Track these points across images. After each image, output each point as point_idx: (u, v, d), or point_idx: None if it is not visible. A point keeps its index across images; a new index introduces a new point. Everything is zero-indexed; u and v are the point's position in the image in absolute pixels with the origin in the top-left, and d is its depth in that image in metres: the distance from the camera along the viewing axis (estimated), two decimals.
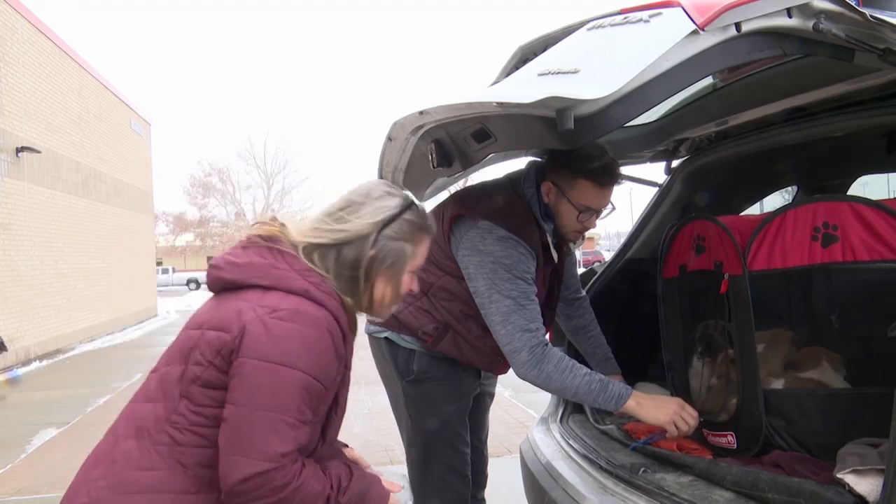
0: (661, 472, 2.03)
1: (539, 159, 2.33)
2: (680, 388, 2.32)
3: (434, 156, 1.97)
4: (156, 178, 24.33)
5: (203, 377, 1.38)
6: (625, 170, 2.99)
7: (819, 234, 1.88)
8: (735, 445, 2.05)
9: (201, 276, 44.73)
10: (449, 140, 1.92)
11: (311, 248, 1.50)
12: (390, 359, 2.41)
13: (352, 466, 1.54)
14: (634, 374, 2.65)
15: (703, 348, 2.23)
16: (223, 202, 52.13)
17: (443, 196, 2.76)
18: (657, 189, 2.89)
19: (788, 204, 1.99)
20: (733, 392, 2.09)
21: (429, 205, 2.76)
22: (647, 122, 2.62)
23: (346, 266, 1.50)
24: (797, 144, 2.35)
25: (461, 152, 1.91)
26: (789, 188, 3.47)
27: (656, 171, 2.92)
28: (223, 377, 1.37)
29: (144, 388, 1.47)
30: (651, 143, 2.68)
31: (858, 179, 3.34)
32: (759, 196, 3.18)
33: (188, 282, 43.34)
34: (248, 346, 1.34)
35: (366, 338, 2.86)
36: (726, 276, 2.03)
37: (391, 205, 1.56)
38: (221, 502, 1.36)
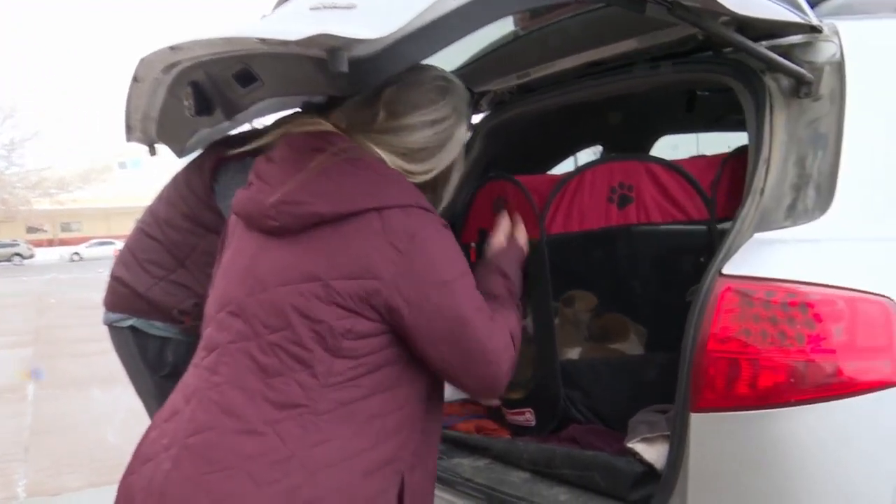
0: (458, 457, 2.17)
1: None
2: None
3: (192, 101, 1.90)
4: None
5: (356, 329, 1.43)
6: None
7: (615, 195, 2.08)
8: (534, 422, 2.23)
9: None
10: (209, 83, 1.86)
11: (399, 159, 1.57)
12: (137, 351, 2.32)
13: (492, 268, 1.74)
14: None
15: None
16: None
17: None
18: None
19: (586, 163, 2.17)
20: (531, 365, 2.26)
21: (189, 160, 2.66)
22: None
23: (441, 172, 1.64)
24: (599, 101, 2.56)
25: (224, 97, 1.86)
26: (599, 146, 3.77)
27: None
28: (380, 325, 1.45)
29: (247, 366, 1.45)
30: None
31: (670, 141, 3.71)
32: (564, 155, 3.41)
33: None
34: (414, 280, 1.44)
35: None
36: None
37: (465, 94, 1.68)
38: (399, 447, 1.49)
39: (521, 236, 1.89)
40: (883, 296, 1.52)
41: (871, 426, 1.51)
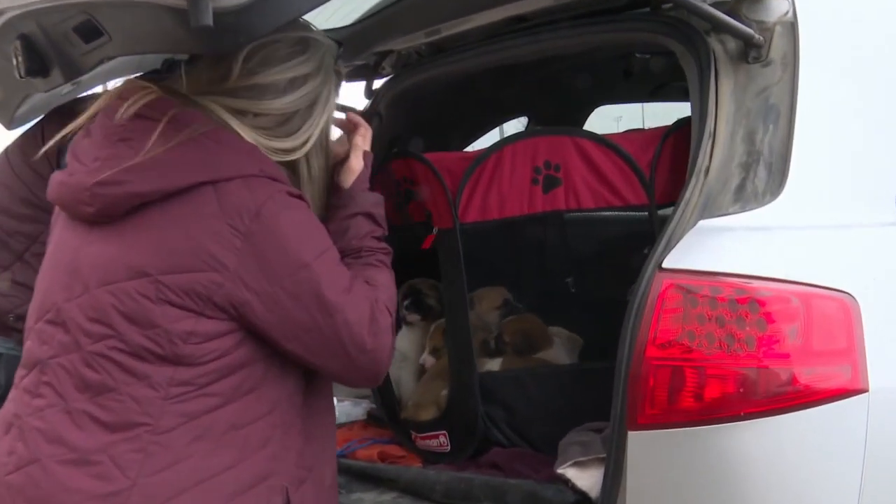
0: (359, 492, 2.16)
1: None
2: (383, 385, 2.46)
3: (22, 59, 1.84)
4: None
5: (199, 331, 1.41)
6: None
7: (540, 177, 2.10)
8: (448, 447, 2.25)
9: None
10: (43, 37, 1.79)
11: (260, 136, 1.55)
12: None
13: (354, 209, 1.70)
14: None
15: (410, 311, 2.40)
16: None
17: None
18: None
19: (506, 138, 2.19)
20: (444, 380, 2.27)
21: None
22: (338, 26, 2.68)
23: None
24: (523, 64, 2.58)
25: (63, 55, 1.80)
26: (521, 119, 3.80)
27: (354, 94, 3.02)
28: (229, 323, 1.43)
29: (72, 383, 1.43)
30: (346, 55, 2.74)
31: (611, 112, 3.78)
32: (483, 128, 3.43)
33: None
34: (264, 267, 1.42)
35: None
36: (435, 230, 2.19)
37: (332, 48, 1.69)
38: (271, 458, 1.48)
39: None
40: (842, 291, 1.57)
41: (832, 439, 1.57)
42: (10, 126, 2.39)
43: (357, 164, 1.73)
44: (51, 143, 1.72)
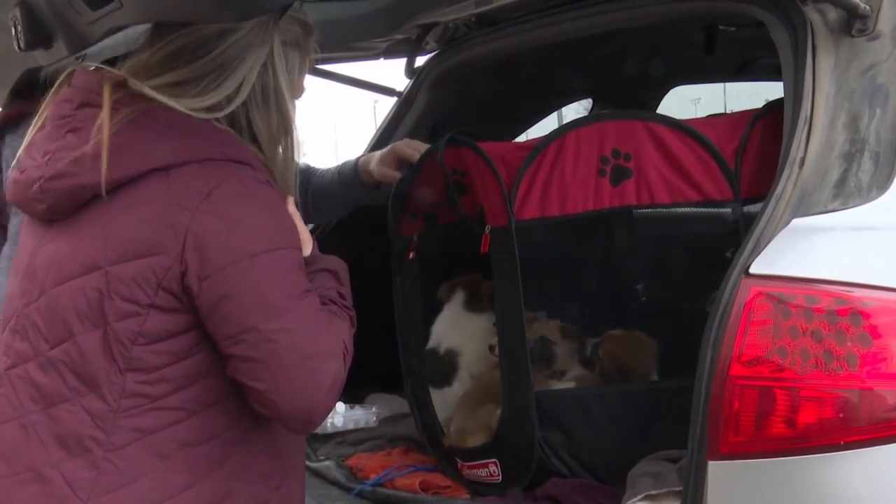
0: None
1: None
2: (422, 402, 2.49)
3: (21, 29, 1.87)
4: None
5: (146, 330, 1.46)
6: (345, 68, 3.06)
7: (608, 167, 2.10)
8: (500, 477, 2.24)
9: None
10: (45, 4, 1.83)
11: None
12: None
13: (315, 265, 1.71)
14: (368, 381, 2.75)
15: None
16: None
17: None
18: (395, 99, 3.00)
19: (569, 123, 2.18)
20: (496, 400, 2.28)
21: None
22: None
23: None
24: (587, 38, 2.57)
25: (66, 25, 1.83)
26: (583, 102, 3.79)
27: (393, 73, 3.03)
28: (177, 317, 1.47)
29: (28, 394, 1.51)
30: (383, 27, 2.75)
31: (687, 94, 3.74)
32: (540, 112, 3.42)
33: None
34: (215, 254, 1.45)
35: None
36: (487, 228, 2.20)
37: None
38: (231, 476, 1.52)
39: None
40: None
41: None
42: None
43: (305, 233, 1.74)
44: None
